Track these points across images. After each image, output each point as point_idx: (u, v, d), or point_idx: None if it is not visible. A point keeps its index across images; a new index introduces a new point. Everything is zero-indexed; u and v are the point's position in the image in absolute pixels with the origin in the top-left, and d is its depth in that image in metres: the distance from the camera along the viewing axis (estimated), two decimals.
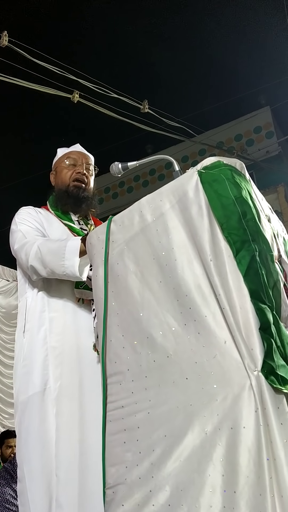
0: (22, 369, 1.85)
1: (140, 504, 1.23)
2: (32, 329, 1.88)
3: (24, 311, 1.94)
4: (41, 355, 1.84)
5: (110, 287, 1.46)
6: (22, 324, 1.93)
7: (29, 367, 1.84)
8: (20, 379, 1.85)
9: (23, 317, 1.93)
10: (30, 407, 1.78)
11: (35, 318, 1.90)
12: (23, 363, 1.85)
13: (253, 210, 1.32)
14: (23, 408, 1.80)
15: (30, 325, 1.90)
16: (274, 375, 1.16)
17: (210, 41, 6.09)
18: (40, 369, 1.82)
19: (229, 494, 1.11)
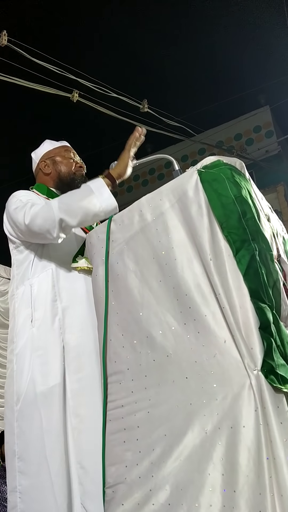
0: (36, 359, 1.78)
1: (140, 503, 1.23)
2: (44, 319, 1.83)
3: (29, 299, 1.87)
4: (58, 346, 1.80)
5: (110, 286, 1.46)
6: (27, 313, 1.86)
7: (45, 358, 1.78)
8: (34, 369, 1.78)
9: (28, 305, 1.86)
10: (51, 398, 1.73)
11: (46, 308, 1.84)
12: (36, 353, 1.79)
13: (253, 210, 1.32)
14: (42, 399, 1.73)
15: (39, 314, 1.84)
16: (274, 374, 1.16)
17: (209, 41, 6.09)
18: (59, 360, 1.78)
19: (229, 493, 1.11)
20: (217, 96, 6.57)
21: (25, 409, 1.76)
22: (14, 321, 1.91)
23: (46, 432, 1.70)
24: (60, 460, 1.68)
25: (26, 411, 1.76)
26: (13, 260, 2.00)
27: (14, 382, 1.82)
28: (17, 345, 1.85)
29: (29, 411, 1.75)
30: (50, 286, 1.87)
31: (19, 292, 1.93)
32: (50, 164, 2.16)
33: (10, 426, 1.79)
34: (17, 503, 1.70)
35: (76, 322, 1.83)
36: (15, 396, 1.80)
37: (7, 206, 1.97)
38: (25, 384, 1.78)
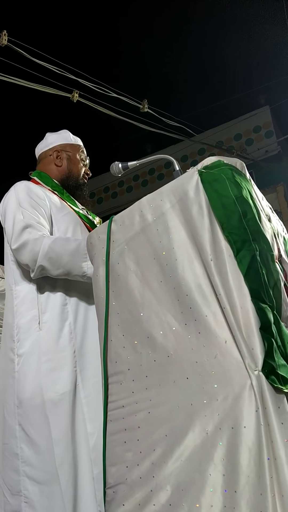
0: (44, 364, 1.74)
1: (141, 503, 1.23)
2: (53, 322, 1.79)
3: (34, 300, 1.83)
4: (69, 352, 1.76)
5: (110, 287, 1.46)
6: (33, 314, 1.81)
7: (55, 363, 1.74)
8: (42, 375, 1.73)
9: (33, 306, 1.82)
10: (62, 406, 1.70)
11: (55, 312, 1.80)
12: (45, 357, 1.74)
13: (254, 210, 1.32)
14: (51, 407, 1.69)
15: (48, 317, 1.79)
16: (274, 374, 1.16)
17: (209, 41, 6.10)
18: (70, 366, 1.74)
19: (230, 494, 1.11)
20: (217, 96, 6.58)
21: (31, 414, 1.71)
22: (13, 318, 1.85)
23: (56, 441, 1.67)
24: (69, 470, 1.66)
25: (33, 417, 1.71)
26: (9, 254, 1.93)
27: (16, 383, 1.77)
28: (21, 345, 1.80)
29: (36, 417, 1.71)
30: (61, 290, 1.84)
31: (20, 290, 1.88)
32: (64, 158, 2.13)
33: (10, 428, 1.75)
34: (22, 508, 1.66)
35: (88, 326, 1.80)
36: (15, 397, 1.76)
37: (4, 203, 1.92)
38: (31, 389, 1.73)
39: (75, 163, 2.13)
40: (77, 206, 2.07)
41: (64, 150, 2.14)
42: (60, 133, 2.19)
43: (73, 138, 2.19)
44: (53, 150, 2.13)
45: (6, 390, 1.81)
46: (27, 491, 1.67)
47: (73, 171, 2.11)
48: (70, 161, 2.12)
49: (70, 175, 2.10)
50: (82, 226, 1.98)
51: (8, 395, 1.80)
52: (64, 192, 2.06)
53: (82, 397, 1.73)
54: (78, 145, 2.18)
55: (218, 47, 6.11)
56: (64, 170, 2.11)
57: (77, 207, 2.06)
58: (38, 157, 2.19)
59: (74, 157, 2.14)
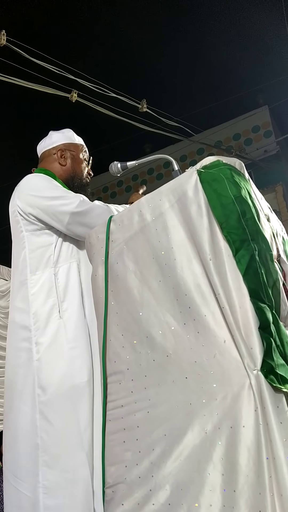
0: (69, 351, 1.76)
1: (140, 503, 1.24)
2: (72, 310, 1.81)
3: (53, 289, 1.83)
4: (87, 341, 1.79)
5: (109, 286, 1.46)
6: (53, 302, 1.81)
7: (79, 351, 1.77)
8: (69, 362, 1.75)
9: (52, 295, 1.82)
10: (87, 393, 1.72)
11: (74, 301, 1.82)
12: (68, 345, 1.77)
13: (253, 210, 1.32)
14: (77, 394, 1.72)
15: (67, 305, 1.81)
16: (273, 374, 1.16)
17: (208, 41, 6.09)
18: (89, 355, 1.77)
19: (229, 493, 1.11)
20: (216, 96, 6.58)
21: (57, 402, 1.71)
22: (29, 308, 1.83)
23: (84, 429, 1.69)
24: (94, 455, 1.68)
25: (58, 405, 1.71)
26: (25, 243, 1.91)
27: (36, 372, 1.75)
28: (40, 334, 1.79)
29: (62, 404, 1.71)
30: (77, 279, 1.86)
31: (36, 278, 1.86)
32: (69, 157, 2.13)
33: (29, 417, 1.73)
34: (40, 499, 1.64)
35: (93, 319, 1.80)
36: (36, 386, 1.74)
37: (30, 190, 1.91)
38: (58, 377, 1.73)
39: (79, 163, 2.14)
40: None
41: (68, 150, 2.14)
42: (64, 132, 2.19)
43: (77, 138, 2.20)
44: (57, 149, 2.13)
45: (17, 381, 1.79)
46: (48, 481, 1.65)
47: (77, 171, 2.12)
48: (74, 160, 2.13)
49: (75, 175, 2.11)
50: None
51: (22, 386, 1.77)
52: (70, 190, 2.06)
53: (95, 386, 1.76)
54: (82, 145, 2.20)
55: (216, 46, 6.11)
56: (68, 169, 2.11)
57: None
58: (40, 155, 2.18)
59: (78, 156, 2.15)
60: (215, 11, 5.76)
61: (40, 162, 2.16)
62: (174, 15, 5.79)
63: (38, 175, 1.99)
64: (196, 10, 5.73)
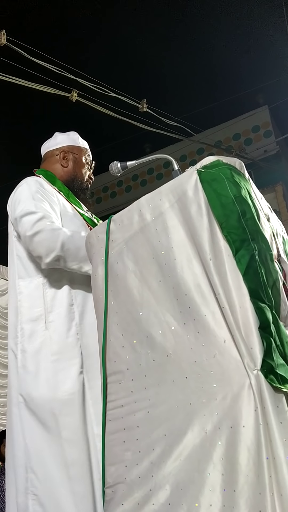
0: (53, 363, 1.74)
1: (140, 503, 1.23)
2: (59, 322, 1.79)
3: (40, 299, 1.82)
4: (77, 352, 1.76)
5: (109, 286, 1.46)
6: (38, 313, 1.81)
7: (63, 363, 1.75)
8: (51, 375, 1.73)
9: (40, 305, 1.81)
10: (72, 406, 1.70)
11: (62, 311, 1.80)
12: (53, 357, 1.75)
13: (253, 209, 1.32)
14: (59, 407, 1.69)
15: (54, 316, 1.79)
16: (273, 374, 1.16)
17: (208, 41, 6.09)
18: (78, 366, 1.75)
19: (229, 493, 1.11)
20: (216, 96, 6.58)
21: (39, 413, 1.71)
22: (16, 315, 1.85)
23: (66, 441, 1.66)
24: (82, 470, 1.65)
25: (40, 415, 1.71)
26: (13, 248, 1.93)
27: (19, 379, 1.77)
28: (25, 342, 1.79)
29: (43, 416, 1.70)
30: (67, 289, 1.84)
31: (24, 285, 1.87)
32: (71, 159, 2.13)
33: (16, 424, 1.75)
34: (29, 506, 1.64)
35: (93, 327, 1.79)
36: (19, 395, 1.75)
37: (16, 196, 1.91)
38: (39, 388, 1.73)
39: (81, 166, 2.14)
40: (82, 208, 2.08)
41: (71, 152, 2.14)
42: (69, 135, 2.20)
43: (81, 141, 2.20)
44: (60, 150, 2.14)
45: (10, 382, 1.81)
46: (35, 488, 1.66)
47: (78, 174, 2.12)
48: (76, 163, 2.13)
49: (75, 178, 2.11)
50: (87, 228, 1.97)
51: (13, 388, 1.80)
52: (70, 194, 2.06)
53: (88, 398, 1.73)
54: (85, 148, 2.20)
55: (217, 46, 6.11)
56: (70, 171, 2.11)
57: (82, 209, 2.07)
58: (44, 155, 2.19)
59: (80, 160, 2.15)
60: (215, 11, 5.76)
61: (43, 162, 2.17)
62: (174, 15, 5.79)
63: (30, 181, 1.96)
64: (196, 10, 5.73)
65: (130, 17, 5.66)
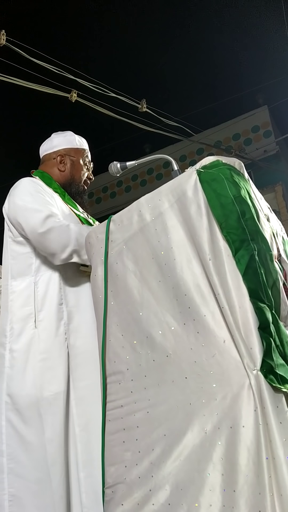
0: (40, 362, 1.74)
1: (140, 503, 1.23)
2: (49, 322, 1.78)
3: (31, 298, 1.82)
4: (64, 352, 1.76)
5: (109, 286, 1.46)
6: (28, 312, 1.80)
7: (50, 362, 1.74)
8: (38, 374, 1.73)
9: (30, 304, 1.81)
10: (56, 406, 1.69)
11: (51, 310, 1.80)
12: (40, 356, 1.74)
13: (252, 209, 1.32)
14: (45, 406, 1.69)
15: (44, 315, 1.79)
16: (273, 374, 1.16)
17: (208, 41, 6.10)
18: (64, 366, 1.74)
19: (228, 493, 1.11)
20: (216, 96, 6.59)
21: (24, 412, 1.71)
22: (7, 313, 1.85)
23: (49, 441, 1.66)
24: (61, 471, 1.65)
25: (26, 415, 1.71)
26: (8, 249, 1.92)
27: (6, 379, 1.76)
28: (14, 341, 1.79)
29: (29, 415, 1.70)
30: (57, 288, 1.83)
31: (16, 285, 1.87)
32: (68, 162, 2.11)
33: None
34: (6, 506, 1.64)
35: (82, 327, 1.79)
36: (4, 394, 1.75)
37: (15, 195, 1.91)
38: (26, 387, 1.72)
39: (78, 169, 2.12)
40: (78, 210, 2.08)
41: (68, 155, 2.12)
42: (66, 136, 2.17)
43: (78, 142, 2.17)
44: (58, 153, 2.11)
45: None
46: (14, 489, 1.65)
47: (75, 177, 2.10)
48: (73, 166, 2.11)
49: (72, 182, 2.09)
50: None
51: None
52: (66, 195, 2.06)
53: (72, 398, 1.73)
54: (83, 149, 2.17)
55: (216, 46, 6.11)
56: (66, 175, 2.10)
57: (78, 211, 2.07)
58: (41, 157, 2.17)
59: (77, 162, 2.13)
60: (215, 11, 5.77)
61: (41, 164, 2.16)
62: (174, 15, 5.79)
63: (27, 181, 1.96)
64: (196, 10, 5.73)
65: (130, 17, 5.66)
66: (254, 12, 5.79)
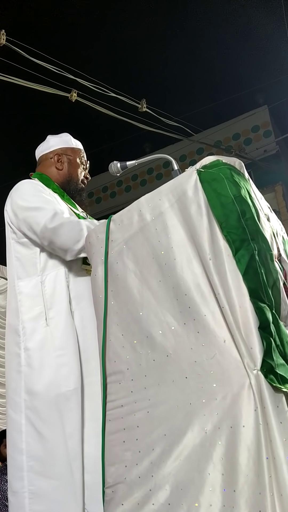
0: (56, 359, 1.75)
1: (140, 503, 1.23)
2: (61, 319, 1.80)
3: (39, 297, 1.83)
4: (76, 348, 1.78)
5: (109, 286, 1.46)
6: (40, 310, 1.82)
7: (65, 359, 1.76)
8: (55, 370, 1.74)
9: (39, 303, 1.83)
10: (73, 401, 1.71)
11: (62, 308, 1.82)
12: (55, 353, 1.76)
13: (252, 209, 1.32)
14: (64, 402, 1.71)
15: (54, 313, 1.81)
16: (273, 374, 1.16)
17: (208, 40, 6.09)
18: (78, 362, 1.76)
19: (229, 493, 1.11)
20: (215, 96, 6.58)
21: (43, 409, 1.72)
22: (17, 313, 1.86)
23: (69, 436, 1.68)
24: (80, 466, 1.67)
25: (45, 412, 1.71)
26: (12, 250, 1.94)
27: (23, 377, 1.77)
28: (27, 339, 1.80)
29: (48, 412, 1.71)
30: (65, 287, 1.85)
31: (23, 285, 1.88)
32: (65, 161, 2.14)
33: (13, 422, 1.75)
34: (26, 504, 1.65)
35: (88, 324, 1.80)
36: (23, 392, 1.75)
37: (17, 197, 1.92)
38: (45, 384, 1.74)
39: (76, 167, 2.14)
40: (77, 209, 2.09)
41: (65, 154, 2.14)
42: (62, 136, 2.19)
43: (74, 142, 2.20)
44: (54, 153, 2.14)
45: (12, 385, 1.81)
46: (34, 487, 1.66)
47: (73, 175, 2.12)
48: (70, 165, 2.13)
49: (71, 179, 2.11)
50: None
51: (11, 390, 1.80)
52: (65, 195, 2.07)
53: (87, 393, 1.75)
54: (79, 149, 2.19)
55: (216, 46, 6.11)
56: (65, 173, 2.12)
57: (77, 210, 2.08)
58: (38, 159, 2.19)
59: (74, 161, 2.15)
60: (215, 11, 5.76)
61: (38, 166, 2.17)
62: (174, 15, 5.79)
63: (27, 183, 1.98)
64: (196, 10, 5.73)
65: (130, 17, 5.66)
66: (254, 12, 5.78)
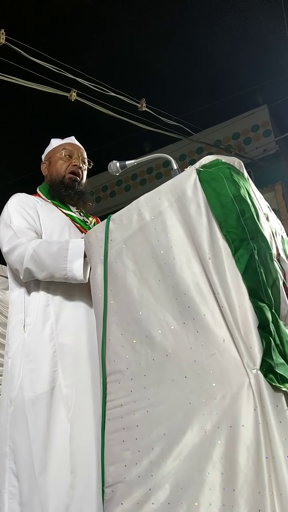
0: (26, 365, 1.79)
1: (140, 502, 1.23)
2: (35, 324, 1.83)
3: (22, 305, 1.89)
4: (49, 352, 1.80)
5: (108, 285, 1.46)
6: (20, 318, 1.88)
7: (35, 364, 1.78)
8: (24, 376, 1.78)
9: (21, 310, 1.89)
10: (39, 406, 1.73)
11: (38, 313, 1.85)
12: (26, 359, 1.79)
13: (252, 209, 1.32)
14: (29, 407, 1.74)
15: (31, 319, 1.85)
16: (273, 373, 1.16)
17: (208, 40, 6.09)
18: (49, 366, 1.78)
19: (228, 492, 1.11)
20: (215, 95, 6.58)
21: (15, 414, 1.77)
22: (8, 324, 1.95)
23: (33, 441, 1.70)
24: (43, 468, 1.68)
25: (16, 417, 1.76)
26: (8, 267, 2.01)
27: (6, 385, 1.84)
28: (10, 348, 1.87)
29: (18, 417, 1.76)
30: (44, 291, 1.89)
31: (14, 295, 1.96)
32: (48, 165, 2.18)
33: (2, 427, 1.80)
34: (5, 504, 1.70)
35: (70, 325, 1.83)
36: (7, 398, 1.81)
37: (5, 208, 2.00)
38: (15, 390, 1.79)
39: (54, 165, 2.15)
40: (69, 209, 2.08)
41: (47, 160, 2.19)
42: (50, 143, 2.23)
43: (54, 142, 2.22)
44: (42, 163, 2.21)
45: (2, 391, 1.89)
46: (14, 488, 1.71)
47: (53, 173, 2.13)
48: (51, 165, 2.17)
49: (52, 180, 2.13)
50: (72, 227, 2.00)
51: (3, 397, 1.87)
52: (55, 198, 2.09)
53: (64, 395, 1.75)
54: (59, 145, 2.19)
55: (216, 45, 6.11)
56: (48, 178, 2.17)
57: (69, 210, 2.07)
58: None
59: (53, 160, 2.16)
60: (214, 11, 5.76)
61: None
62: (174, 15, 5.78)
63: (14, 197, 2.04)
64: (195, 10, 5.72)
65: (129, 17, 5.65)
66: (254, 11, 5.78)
